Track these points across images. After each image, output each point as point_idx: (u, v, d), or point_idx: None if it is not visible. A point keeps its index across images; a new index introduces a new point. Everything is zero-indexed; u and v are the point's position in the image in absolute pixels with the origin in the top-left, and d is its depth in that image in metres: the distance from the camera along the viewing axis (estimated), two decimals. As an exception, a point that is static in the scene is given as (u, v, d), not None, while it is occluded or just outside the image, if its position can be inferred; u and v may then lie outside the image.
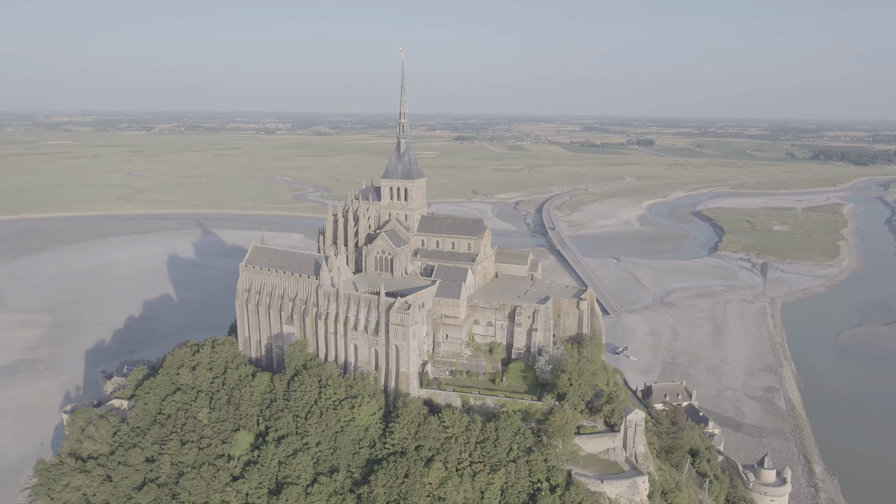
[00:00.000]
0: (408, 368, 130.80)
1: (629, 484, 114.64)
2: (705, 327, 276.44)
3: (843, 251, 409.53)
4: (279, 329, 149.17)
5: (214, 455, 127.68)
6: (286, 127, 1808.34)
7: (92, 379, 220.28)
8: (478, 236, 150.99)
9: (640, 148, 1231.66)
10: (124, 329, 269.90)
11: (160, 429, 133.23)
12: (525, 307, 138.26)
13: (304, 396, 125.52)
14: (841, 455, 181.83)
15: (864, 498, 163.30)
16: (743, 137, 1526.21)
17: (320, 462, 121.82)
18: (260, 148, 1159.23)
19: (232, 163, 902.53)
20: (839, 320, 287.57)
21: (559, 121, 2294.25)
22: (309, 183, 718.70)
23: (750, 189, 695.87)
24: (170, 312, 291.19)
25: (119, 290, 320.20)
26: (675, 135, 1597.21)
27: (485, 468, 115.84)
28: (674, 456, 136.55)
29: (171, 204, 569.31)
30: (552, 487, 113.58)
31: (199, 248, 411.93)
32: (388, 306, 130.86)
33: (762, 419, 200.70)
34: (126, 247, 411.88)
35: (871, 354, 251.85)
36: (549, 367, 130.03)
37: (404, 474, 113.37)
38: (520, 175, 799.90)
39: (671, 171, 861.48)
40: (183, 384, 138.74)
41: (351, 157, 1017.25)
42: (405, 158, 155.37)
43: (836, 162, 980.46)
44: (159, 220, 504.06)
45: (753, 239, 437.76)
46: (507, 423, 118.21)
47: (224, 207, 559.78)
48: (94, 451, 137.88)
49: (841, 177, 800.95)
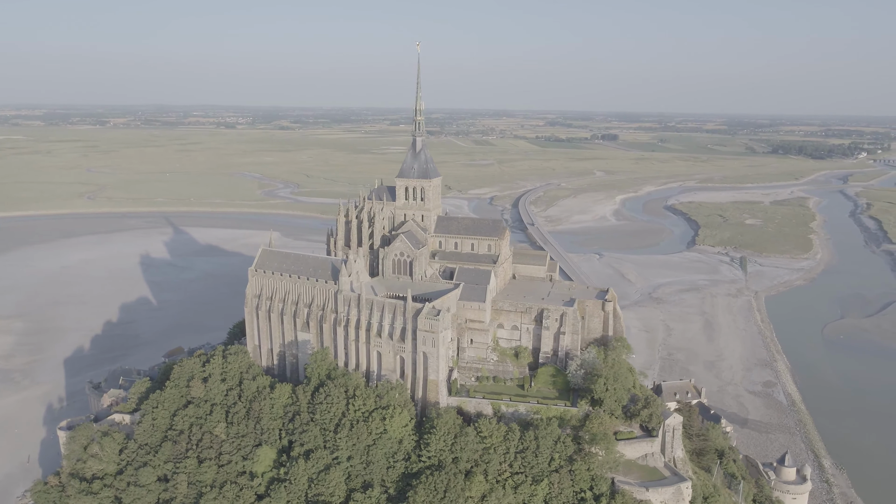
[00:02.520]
0: (437, 376, 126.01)
1: (674, 491, 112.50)
2: (696, 322, 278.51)
3: (816, 244, 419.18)
4: (293, 336, 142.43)
5: (235, 473, 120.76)
6: (247, 121, 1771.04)
7: (75, 389, 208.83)
8: (498, 237, 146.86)
9: (605, 142, 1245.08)
10: (103, 335, 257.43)
11: (173, 446, 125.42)
12: (553, 310, 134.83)
13: (331, 408, 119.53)
14: (846, 448, 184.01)
15: (874, 491, 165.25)
16: (702, 132, 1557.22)
17: (352, 478, 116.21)
18: (222, 143, 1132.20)
19: (195, 158, 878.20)
20: (822, 313, 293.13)
21: (522, 115, 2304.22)
22: (278, 179, 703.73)
23: (717, 183, 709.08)
24: (150, 316, 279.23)
25: (93, 292, 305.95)
26: (637, 129, 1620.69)
27: (526, 479, 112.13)
28: (704, 458, 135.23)
29: (136, 202, 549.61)
30: (596, 497, 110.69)
31: (172, 247, 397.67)
32: (415, 312, 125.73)
33: (766, 414, 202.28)
34: (94, 247, 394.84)
35: (858, 347, 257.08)
36: (582, 371, 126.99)
37: (444, 489, 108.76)
38: (490, 170, 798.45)
39: (638, 165, 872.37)
40: (195, 397, 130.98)
41: (317, 152, 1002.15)
42: (421, 157, 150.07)
43: (795, 156, 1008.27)
44: (126, 219, 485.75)
45: (729, 233, 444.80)
46: (546, 432, 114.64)
47: (192, 205, 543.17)
48: (100, 470, 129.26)
49: (801, 171, 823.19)
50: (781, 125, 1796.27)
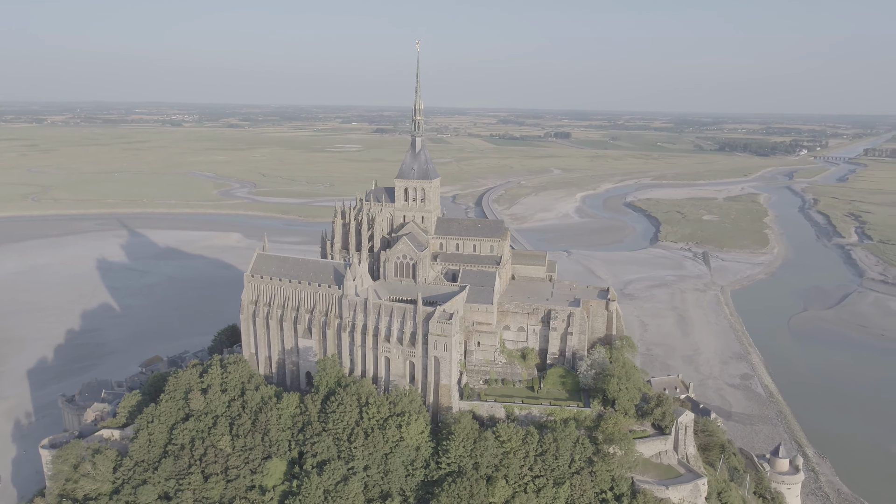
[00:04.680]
0: (449, 380, 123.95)
1: (692, 488, 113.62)
2: (670, 318, 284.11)
3: (772, 239, 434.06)
4: (293, 343, 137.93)
5: (245, 487, 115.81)
6: (194, 119, 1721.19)
7: (43, 403, 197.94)
8: (500, 238, 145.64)
9: (559, 140, 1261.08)
10: (66, 344, 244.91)
11: (174, 461, 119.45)
12: (560, 310, 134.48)
13: (343, 417, 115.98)
14: (825, 437, 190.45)
15: (856, 478, 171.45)
16: (651, 130, 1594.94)
17: (369, 488, 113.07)
18: (170, 141, 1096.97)
19: (143, 157, 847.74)
20: (786, 306, 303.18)
21: (474, 113, 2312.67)
22: (233, 178, 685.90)
23: (671, 180, 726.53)
24: (114, 323, 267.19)
25: (50, 300, 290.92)
26: (588, 127, 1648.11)
27: (548, 482, 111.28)
28: (709, 454, 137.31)
29: (85, 203, 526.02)
30: (617, 497, 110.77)
31: (129, 250, 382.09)
32: (426, 316, 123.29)
33: (747, 406, 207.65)
34: (45, 251, 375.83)
35: (822, 338, 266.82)
36: (593, 371, 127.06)
37: (468, 495, 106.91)
38: (449, 168, 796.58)
39: (593, 163, 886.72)
40: (194, 410, 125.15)
41: (271, 150, 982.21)
42: (421, 157, 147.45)
43: (741, 153, 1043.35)
44: (76, 221, 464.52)
45: (689, 229, 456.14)
46: (564, 434, 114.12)
47: (146, 206, 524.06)
48: (93, 490, 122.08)
49: (748, 167, 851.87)
50: (725, 123, 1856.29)
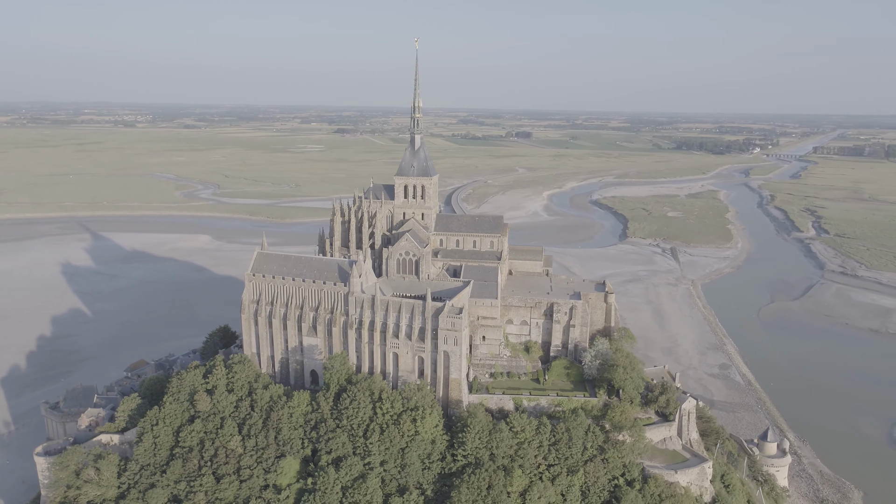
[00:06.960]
0: (459, 374, 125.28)
1: (698, 471, 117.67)
2: (646, 311, 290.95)
3: (735, 234, 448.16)
4: (297, 342, 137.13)
5: (259, 487, 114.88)
6: (147, 119, 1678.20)
7: (22, 411, 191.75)
8: (500, 234, 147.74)
9: (520, 140, 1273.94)
10: (38, 351, 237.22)
11: (184, 464, 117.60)
12: (563, 303, 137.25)
13: (357, 413, 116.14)
14: (802, 422, 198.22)
15: (835, 459, 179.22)
16: (609, 129, 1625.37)
17: (386, 483, 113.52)
18: (125, 142, 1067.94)
19: (98, 159, 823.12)
20: (754, 298, 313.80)
21: (434, 113, 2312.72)
22: (195, 179, 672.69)
23: (634, 178, 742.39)
24: (87, 329, 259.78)
25: (16, 305, 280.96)
26: (548, 127, 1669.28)
27: (562, 470, 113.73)
28: (707, 439, 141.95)
29: (41, 206, 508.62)
30: (629, 482, 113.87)
31: (94, 254, 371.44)
32: (435, 311, 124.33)
33: (728, 395, 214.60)
34: (5, 256, 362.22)
35: (790, 328, 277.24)
36: (597, 362, 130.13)
37: (487, 485, 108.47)
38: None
39: (556, 162, 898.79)
40: (201, 411, 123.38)
41: (231, 151, 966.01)
42: (420, 155, 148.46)
43: (697, 152, 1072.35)
44: (34, 225, 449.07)
45: (655, 225, 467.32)
46: (576, 423, 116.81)
47: (107, 208, 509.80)
48: (97, 496, 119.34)
49: (705, 165, 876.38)
50: (679, 123, 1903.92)
